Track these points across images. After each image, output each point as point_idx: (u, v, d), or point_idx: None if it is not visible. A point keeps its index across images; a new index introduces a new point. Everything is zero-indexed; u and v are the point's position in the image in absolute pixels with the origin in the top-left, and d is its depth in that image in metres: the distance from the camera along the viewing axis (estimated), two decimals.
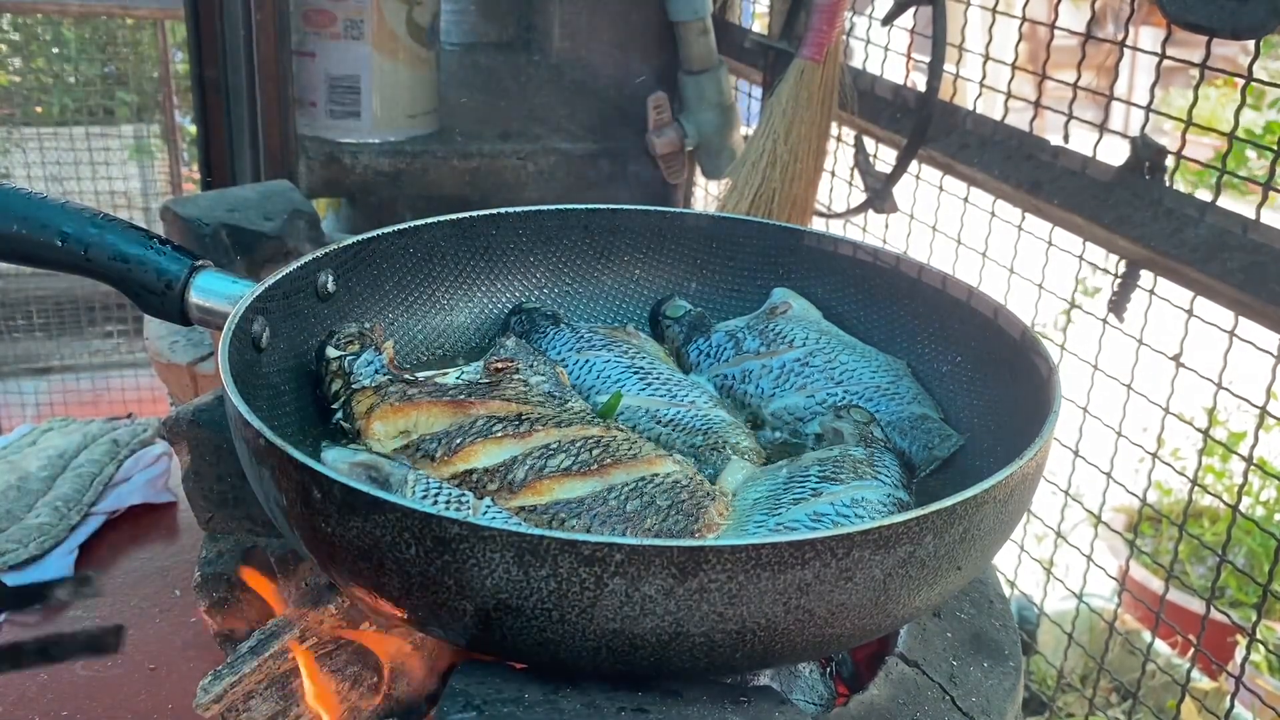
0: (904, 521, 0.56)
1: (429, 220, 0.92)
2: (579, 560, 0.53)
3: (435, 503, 0.67)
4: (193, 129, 2.21)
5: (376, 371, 0.79)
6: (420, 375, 0.80)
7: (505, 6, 1.81)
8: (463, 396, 0.76)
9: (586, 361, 0.88)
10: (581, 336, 0.90)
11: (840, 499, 0.70)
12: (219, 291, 0.79)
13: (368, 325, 0.84)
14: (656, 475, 0.71)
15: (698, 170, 1.79)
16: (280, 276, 0.80)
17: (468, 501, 0.67)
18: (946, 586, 0.62)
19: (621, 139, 1.73)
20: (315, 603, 0.75)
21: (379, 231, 0.89)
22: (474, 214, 0.94)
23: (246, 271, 1.21)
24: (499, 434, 0.73)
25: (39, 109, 3.15)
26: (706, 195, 1.88)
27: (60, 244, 0.78)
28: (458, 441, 0.73)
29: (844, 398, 0.85)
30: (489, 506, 0.68)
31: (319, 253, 0.85)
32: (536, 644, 0.57)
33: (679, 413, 0.83)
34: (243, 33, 1.48)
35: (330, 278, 0.85)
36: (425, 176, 1.61)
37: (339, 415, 0.78)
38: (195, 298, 0.79)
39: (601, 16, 1.75)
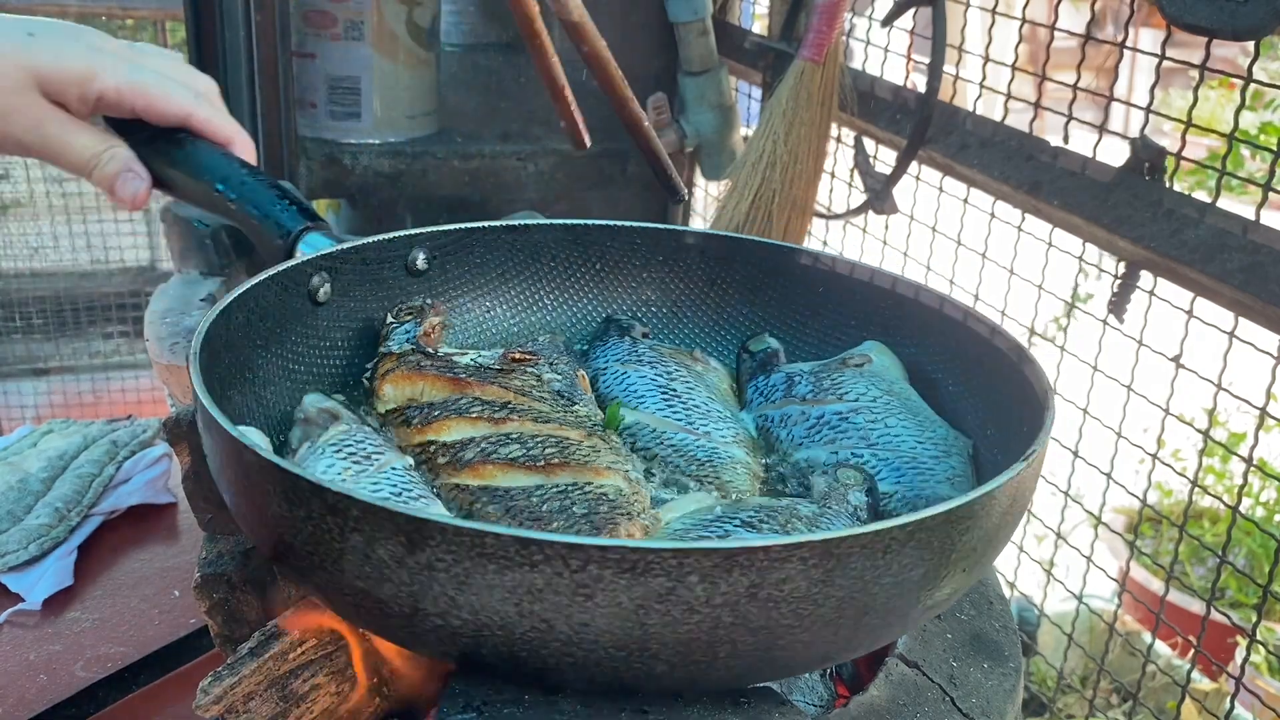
0: (662, 549, 0.51)
1: (540, 222, 0.95)
2: (325, 507, 0.55)
3: (333, 461, 0.70)
4: None
5: (406, 340, 0.84)
6: (441, 351, 0.83)
7: (505, 7, 1.81)
8: (464, 376, 0.79)
9: (624, 374, 0.87)
10: (635, 350, 0.89)
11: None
12: (316, 250, 0.85)
13: (429, 301, 0.88)
14: (592, 484, 0.70)
15: (698, 171, 1.79)
16: (360, 244, 0.86)
17: (372, 464, 0.70)
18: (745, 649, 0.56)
19: (621, 140, 1.73)
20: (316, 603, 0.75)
21: (484, 224, 0.93)
22: (589, 222, 0.95)
23: (247, 274, 1.21)
24: (474, 414, 0.75)
25: None
26: (706, 196, 1.88)
27: (217, 190, 0.86)
28: (435, 414, 0.76)
29: (870, 460, 0.79)
30: (395, 470, 0.70)
31: (413, 231, 0.89)
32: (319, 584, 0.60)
33: (687, 439, 0.81)
34: (243, 33, 1.48)
35: (423, 256, 0.89)
36: (425, 178, 1.61)
37: (369, 373, 0.84)
38: (299, 255, 0.84)
39: (601, 16, 1.75)
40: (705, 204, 1.89)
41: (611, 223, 0.96)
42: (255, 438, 0.70)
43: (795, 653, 0.57)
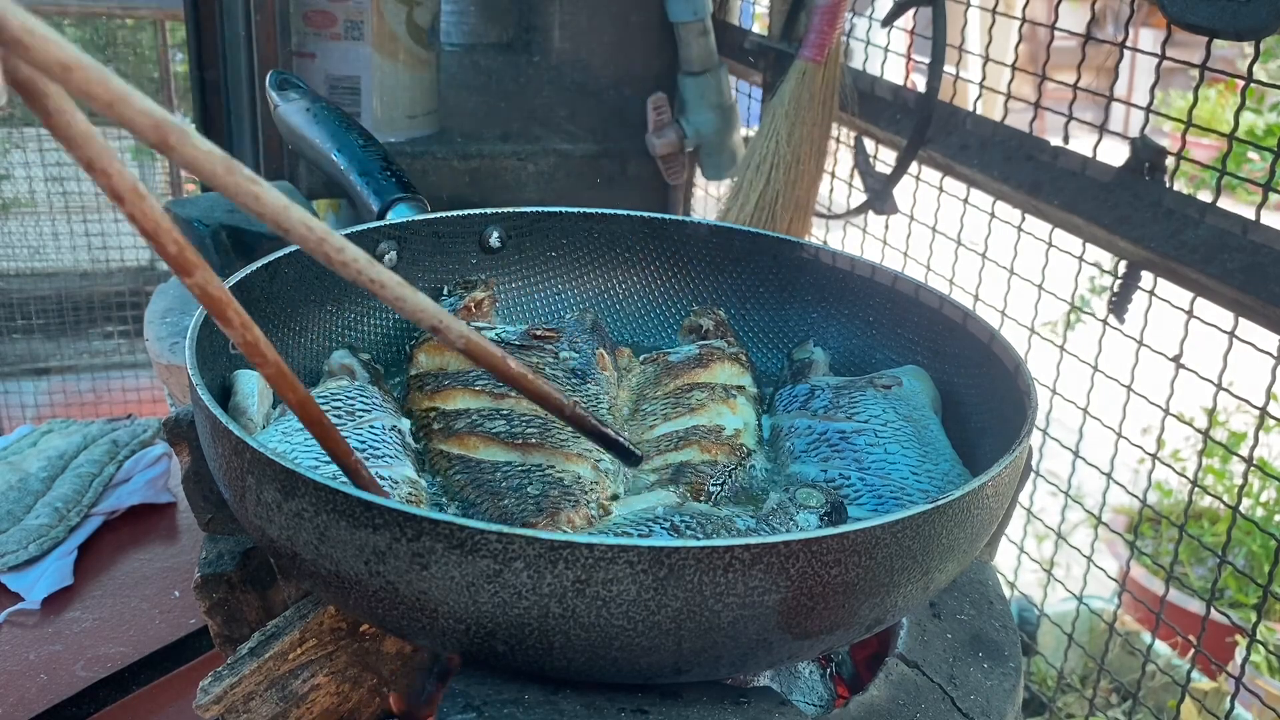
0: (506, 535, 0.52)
1: (617, 211, 0.97)
2: (231, 448, 0.60)
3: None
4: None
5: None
6: (479, 325, 0.86)
7: (505, 7, 1.81)
8: None
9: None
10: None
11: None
12: (399, 219, 0.90)
13: (484, 277, 0.91)
14: (556, 467, 0.70)
15: (698, 171, 1.79)
16: (434, 218, 0.90)
17: (354, 419, 0.71)
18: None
19: (621, 140, 1.73)
20: (316, 603, 0.75)
21: (562, 209, 0.95)
22: (664, 216, 0.97)
23: None
24: (478, 387, 0.77)
25: None
26: (706, 196, 1.88)
27: (334, 156, 0.94)
28: (445, 383, 0.78)
29: (856, 484, 0.75)
30: (373, 429, 0.72)
31: (490, 210, 0.93)
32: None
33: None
34: (243, 33, 1.47)
35: (497, 234, 0.93)
36: (425, 178, 1.61)
37: (413, 341, 0.87)
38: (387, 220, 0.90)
39: (601, 17, 1.75)
40: (706, 205, 1.89)
41: (688, 219, 0.98)
42: (247, 380, 0.74)
43: (637, 658, 0.56)
